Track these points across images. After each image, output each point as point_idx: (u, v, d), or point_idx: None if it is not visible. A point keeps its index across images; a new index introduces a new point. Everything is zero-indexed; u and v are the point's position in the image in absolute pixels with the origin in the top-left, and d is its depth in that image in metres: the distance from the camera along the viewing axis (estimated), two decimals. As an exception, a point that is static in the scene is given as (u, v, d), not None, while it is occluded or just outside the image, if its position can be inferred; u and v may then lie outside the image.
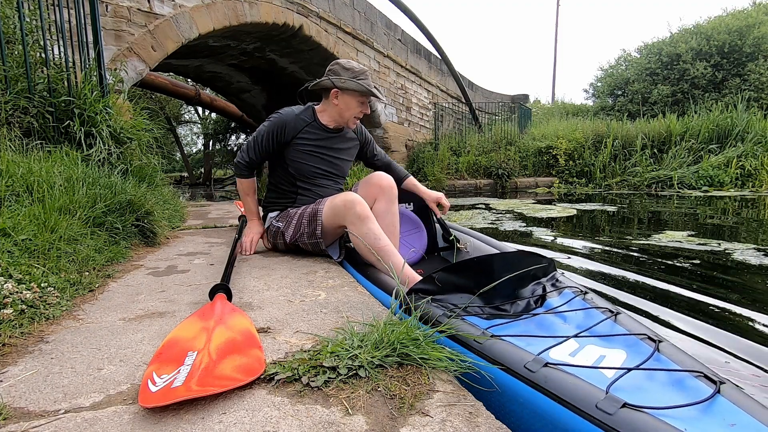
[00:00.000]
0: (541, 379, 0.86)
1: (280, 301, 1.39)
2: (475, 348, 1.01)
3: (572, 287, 1.33)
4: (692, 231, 4.20)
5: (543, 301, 1.27)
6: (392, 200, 1.93)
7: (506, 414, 0.90)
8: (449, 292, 1.25)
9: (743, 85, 13.19)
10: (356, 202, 1.71)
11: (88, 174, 2.21)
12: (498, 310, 1.21)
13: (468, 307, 1.19)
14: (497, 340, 1.00)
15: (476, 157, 10.51)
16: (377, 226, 1.69)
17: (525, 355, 0.93)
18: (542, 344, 1.01)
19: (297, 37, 7.37)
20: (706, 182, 9.22)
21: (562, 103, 19.89)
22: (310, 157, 1.99)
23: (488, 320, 1.15)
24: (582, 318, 1.15)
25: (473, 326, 1.09)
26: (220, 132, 19.25)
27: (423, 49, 11.17)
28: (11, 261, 1.36)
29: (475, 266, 1.27)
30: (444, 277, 1.25)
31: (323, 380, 0.85)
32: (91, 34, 3.08)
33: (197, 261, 2.00)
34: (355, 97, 1.91)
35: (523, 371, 0.89)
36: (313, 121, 2.00)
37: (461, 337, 1.05)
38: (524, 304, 1.25)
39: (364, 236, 1.67)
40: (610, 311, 1.15)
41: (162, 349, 0.97)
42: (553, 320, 1.16)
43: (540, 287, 1.33)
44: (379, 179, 1.93)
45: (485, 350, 0.98)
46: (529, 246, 3.68)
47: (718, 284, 2.49)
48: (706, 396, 0.78)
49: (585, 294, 1.28)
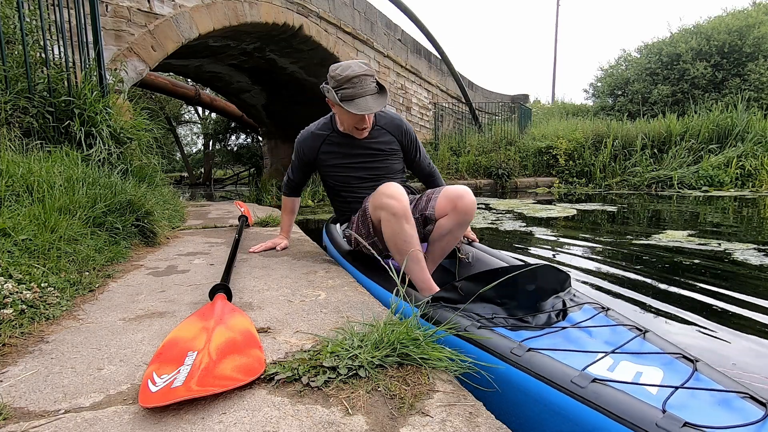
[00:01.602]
0: (592, 394, 0.84)
1: (280, 301, 1.39)
2: (511, 360, 0.99)
3: (592, 303, 1.32)
4: (692, 231, 4.20)
5: (564, 315, 1.26)
6: (460, 223, 1.63)
7: (547, 427, 0.90)
8: (473, 301, 1.23)
9: (743, 85, 13.18)
10: (391, 195, 1.49)
11: (88, 174, 2.22)
12: (521, 322, 1.20)
13: (494, 317, 1.18)
14: (534, 353, 0.99)
15: (476, 157, 10.52)
16: (412, 228, 1.50)
17: (568, 370, 0.91)
18: (579, 359, 0.99)
19: (297, 37, 7.37)
20: (706, 182, 9.22)
21: (562, 103, 19.89)
22: (340, 169, 1.85)
23: (514, 331, 1.13)
24: (609, 334, 1.14)
25: (505, 338, 1.07)
26: (220, 132, 19.27)
27: (423, 49, 11.17)
28: (11, 261, 1.36)
29: (496, 277, 1.24)
30: (467, 286, 1.24)
31: (323, 380, 0.85)
32: (91, 34, 3.08)
33: (197, 261, 2.00)
34: (342, 109, 1.64)
35: (571, 386, 0.88)
36: (332, 132, 1.84)
37: (494, 347, 1.04)
38: (545, 317, 1.24)
39: (394, 235, 1.48)
40: (637, 329, 1.14)
41: (162, 349, 0.97)
42: (579, 335, 1.15)
43: (560, 301, 1.32)
44: (459, 195, 1.61)
45: (524, 362, 0.97)
46: (527, 254, 3.68)
47: (718, 284, 2.49)
48: (758, 417, 0.78)
49: (607, 310, 1.27)
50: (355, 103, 1.60)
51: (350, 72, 1.60)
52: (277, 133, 12.18)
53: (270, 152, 12.59)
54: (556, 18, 28.09)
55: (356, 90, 1.59)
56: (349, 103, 1.60)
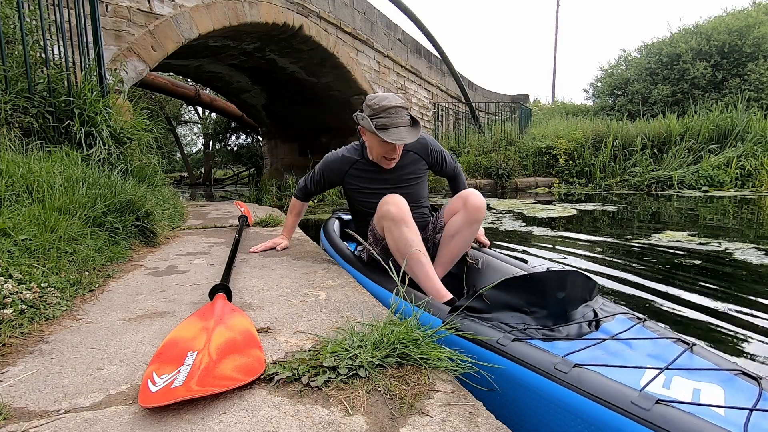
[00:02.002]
0: (659, 418, 0.77)
1: (280, 301, 1.39)
2: (556, 377, 0.91)
3: (626, 313, 1.25)
4: (692, 231, 4.20)
5: (597, 325, 1.18)
6: (470, 221, 1.67)
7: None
8: (498, 310, 1.16)
9: (743, 85, 13.17)
10: (389, 202, 1.55)
11: (88, 174, 2.22)
12: (552, 332, 1.13)
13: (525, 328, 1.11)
14: (582, 370, 0.91)
15: (476, 157, 10.52)
16: (412, 233, 1.53)
17: (626, 390, 0.83)
18: (629, 375, 0.91)
19: (297, 37, 7.37)
20: (706, 182, 9.22)
21: (562, 103, 19.89)
22: (366, 195, 1.85)
23: (547, 342, 1.06)
24: (651, 347, 1.06)
25: (545, 351, 0.99)
26: (220, 132, 19.26)
27: (423, 49, 11.18)
28: (11, 261, 1.36)
29: (525, 283, 1.18)
30: (494, 294, 1.16)
31: (323, 380, 0.85)
32: (91, 34, 3.08)
33: (197, 261, 2.00)
34: (375, 137, 1.68)
35: (632, 408, 0.80)
36: (362, 158, 1.85)
37: (536, 363, 0.96)
38: (576, 327, 1.16)
39: (395, 241, 1.53)
40: (683, 341, 1.06)
41: (162, 349, 0.97)
42: (619, 348, 1.06)
43: (590, 310, 1.25)
44: (468, 194, 1.69)
45: (571, 380, 0.89)
46: (527, 254, 3.68)
47: (719, 284, 2.49)
48: None
49: (644, 321, 1.19)
50: (389, 132, 1.63)
51: (387, 102, 1.65)
52: (277, 133, 12.18)
53: (270, 152, 12.59)
54: (556, 18, 28.13)
55: (391, 120, 1.63)
56: (384, 131, 1.63)
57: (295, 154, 11.61)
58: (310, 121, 10.81)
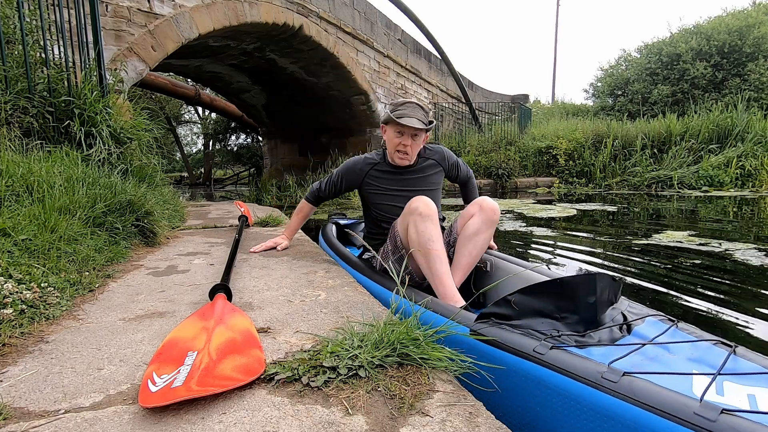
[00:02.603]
0: (727, 430, 0.73)
1: (280, 301, 1.39)
2: (605, 387, 0.87)
3: (656, 315, 1.21)
4: (692, 231, 4.20)
5: (629, 329, 1.14)
6: (487, 222, 1.75)
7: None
8: (528, 316, 1.12)
9: (743, 85, 13.17)
10: (418, 200, 1.64)
11: (88, 174, 2.21)
12: (583, 338, 1.08)
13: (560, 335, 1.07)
14: (633, 378, 0.87)
15: (476, 157, 10.52)
16: (436, 230, 1.59)
17: (687, 401, 0.79)
18: (679, 382, 0.88)
19: (297, 37, 7.37)
20: (706, 182, 9.22)
21: (562, 103, 19.89)
22: (384, 197, 1.93)
23: (583, 349, 1.02)
24: (692, 351, 1.02)
25: (589, 360, 0.94)
26: (220, 132, 19.27)
27: (423, 49, 11.17)
28: (11, 261, 1.36)
29: (555, 288, 1.14)
30: (522, 299, 1.12)
31: (323, 380, 0.85)
32: (91, 34, 3.08)
33: (197, 261, 2.00)
34: (392, 129, 1.86)
35: (697, 420, 0.75)
36: (382, 161, 1.97)
37: (582, 372, 0.91)
38: (607, 332, 1.12)
39: (419, 234, 1.59)
40: (724, 344, 1.02)
41: (162, 349, 0.96)
42: (659, 352, 1.02)
43: (617, 313, 1.21)
44: (482, 199, 1.82)
45: (623, 390, 0.85)
46: (528, 255, 3.68)
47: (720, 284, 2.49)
48: None
49: (677, 323, 1.15)
50: (403, 119, 1.81)
51: (405, 100, 1.90)
52: (277, 133, 12.18)
53: (270, 152, 12.60)
54: (556, 18, 28.16)
55: (406, 111, 1.84)
56: (399, 118, 1.82)
57: (295, 154, 11.61)
58: (310, 121, 10.81)
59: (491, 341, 1.06)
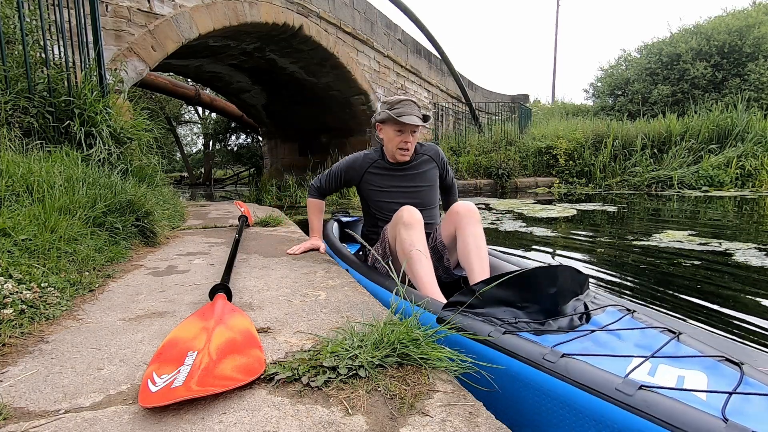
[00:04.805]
0: (641, 403, 0.79)
1: (280, 301, 1.39)
2: (544, 367, 0.94)
3: (616, 305, 1.27)
4: (693, 231, 4.20)
5: (588, 318, 1.21)
6: (471, 222, 1.77)
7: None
8: (491, 305, 1.19)
9: (743, 85, 13.17)
10: (406, 209, 1.68)
11: (88, 174, 2.21)
12: (543, 326, 1.15)
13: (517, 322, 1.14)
14: (569, 359, 0.94)
15: (476, 157, 10.51)
16: (417, 235, 1.64)
17: (611, 377, 0.86)
18: (615, 364, 0.94)
19: (297, 37, 7.37)
20: (706, 182, 9.22)
21: (562, 103, 19.88)
22: (381, 194, 1.98)
23: (539, 336, 1.09)
24: (640, 337, 1.09)
25: (535, 343, 1.02)
26: (220, 132, 19.26)
27: (423, 49, 11.17)
28: (11, 261, 1.36)
29: (517, 279, 1.20)
30: (487, 290, 1.19)
31: (323, 380, 0.85)
32: (91, 34, 3.08)
33: (197, 261, 2.00)
34: (391, 128, 1.89)
35: (616, 394, 0.82)
36: (380, 158, 2.01)
37: (525, 353, 0.99)
38: (568, 320, 1.19)
39: (402, 242, 1.64)
40: (670, 331, 1.09)
41: (162, 349, 0.96)
42: (609, 339, 1.09)
43: (581, 303, 1.27)
44: (456, 206, 1.84)
45: (559, 369, 0.92)
46: (528, 255, 3.68)
47: (720, 285, 2.49)
48: None
49: (633, 312, 1.21)
50: (404, 117, 1.85)
51: (400, 98, 1.92)
52: (277, 133, 12.18)
53: (270, 152, 12.60)
54: (556, 18, 28.18)
55: (404, 109, 1.87)
56: (400, 116, 1.86)
57: (295, 154, 11.62)
58: (310, 121, 10.81)
59: (456, 327, 1.12)
